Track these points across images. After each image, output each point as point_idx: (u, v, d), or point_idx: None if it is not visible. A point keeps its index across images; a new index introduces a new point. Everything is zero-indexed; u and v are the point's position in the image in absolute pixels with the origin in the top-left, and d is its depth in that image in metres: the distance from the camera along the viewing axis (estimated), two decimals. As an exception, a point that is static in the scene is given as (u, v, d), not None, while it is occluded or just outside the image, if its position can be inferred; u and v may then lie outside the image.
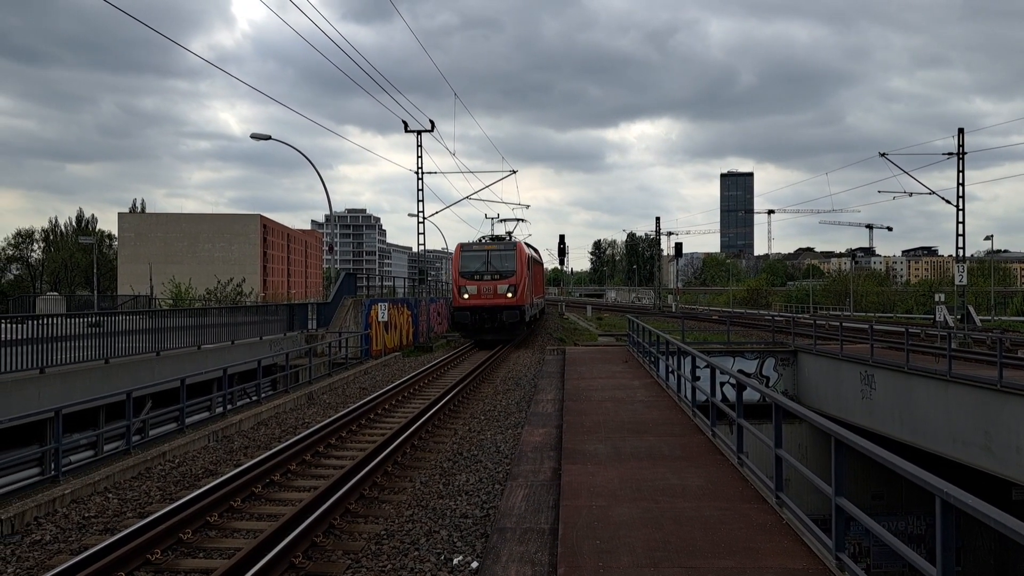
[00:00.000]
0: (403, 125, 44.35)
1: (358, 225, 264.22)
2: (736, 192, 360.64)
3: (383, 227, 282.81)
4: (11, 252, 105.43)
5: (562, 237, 68.29)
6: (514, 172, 49.13)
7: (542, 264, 57.66)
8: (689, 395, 14.92)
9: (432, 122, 44.41)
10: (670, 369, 17.83)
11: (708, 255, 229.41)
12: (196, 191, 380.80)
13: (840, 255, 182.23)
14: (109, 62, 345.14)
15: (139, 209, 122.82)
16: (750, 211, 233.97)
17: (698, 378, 14.57)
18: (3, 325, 14.71)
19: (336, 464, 13.00)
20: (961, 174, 38.75)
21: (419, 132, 44.47)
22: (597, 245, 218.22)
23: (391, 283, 49.01)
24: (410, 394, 20.97)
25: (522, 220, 53.03)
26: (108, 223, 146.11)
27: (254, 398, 19.40)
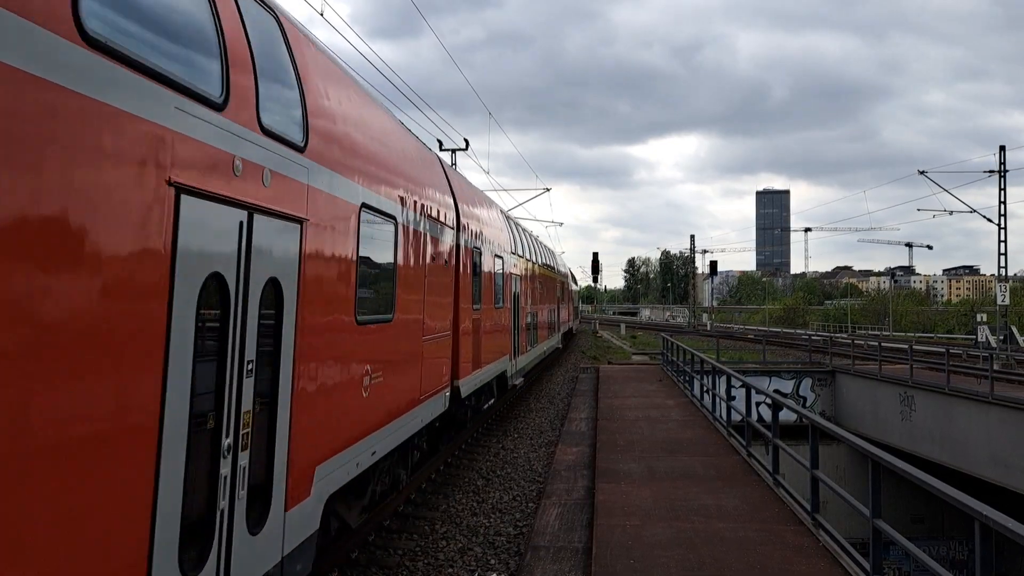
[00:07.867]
0: (438, 144, 44.72)
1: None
2: (772, 210, 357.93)
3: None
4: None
5: (595, 255, 67.89)
6: (548, 190, 49.25)
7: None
8: (724, 415, 14.83)
9: (466, 140, 44.73)
10: (705, 388, 17.72)
11: (743, 273, 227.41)
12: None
13: (879, 274, 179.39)
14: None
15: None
16: (786, 229, 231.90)
17: (733, 398, 14.48)
18: None
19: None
20: (1003, 192, 38.20)
21: (454, 150, 44.78)
22: (631, 263, 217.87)
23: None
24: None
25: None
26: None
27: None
